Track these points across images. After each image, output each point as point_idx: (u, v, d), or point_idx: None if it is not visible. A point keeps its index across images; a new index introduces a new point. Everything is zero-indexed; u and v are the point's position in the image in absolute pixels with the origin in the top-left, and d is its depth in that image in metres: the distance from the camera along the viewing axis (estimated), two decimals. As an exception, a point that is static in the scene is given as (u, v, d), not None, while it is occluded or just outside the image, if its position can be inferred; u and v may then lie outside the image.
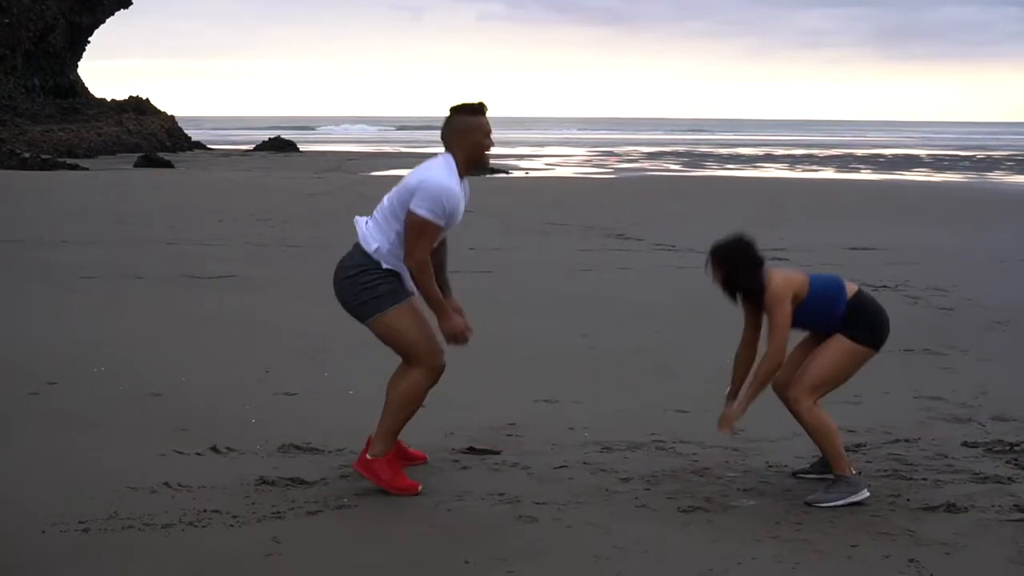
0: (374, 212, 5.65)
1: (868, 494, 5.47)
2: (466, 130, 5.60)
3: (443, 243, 5.80)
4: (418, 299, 5.61)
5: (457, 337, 5.61)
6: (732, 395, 5.76)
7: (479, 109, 5.66)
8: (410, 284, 5.60)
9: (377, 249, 5.50)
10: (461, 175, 5.56)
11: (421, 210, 5.38)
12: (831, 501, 5.42)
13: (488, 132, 5.65)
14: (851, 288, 5.69)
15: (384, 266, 5.50)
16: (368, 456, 5.60)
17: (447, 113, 5.69)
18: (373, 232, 5.55)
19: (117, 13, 58.67)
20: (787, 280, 5.57)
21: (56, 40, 54.10)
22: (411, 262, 5.42)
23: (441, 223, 5.44)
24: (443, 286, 5.76)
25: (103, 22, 58.36)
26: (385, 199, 5.63)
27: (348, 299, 5.58)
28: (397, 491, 5.50)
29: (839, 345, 5.59)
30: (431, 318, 5.59)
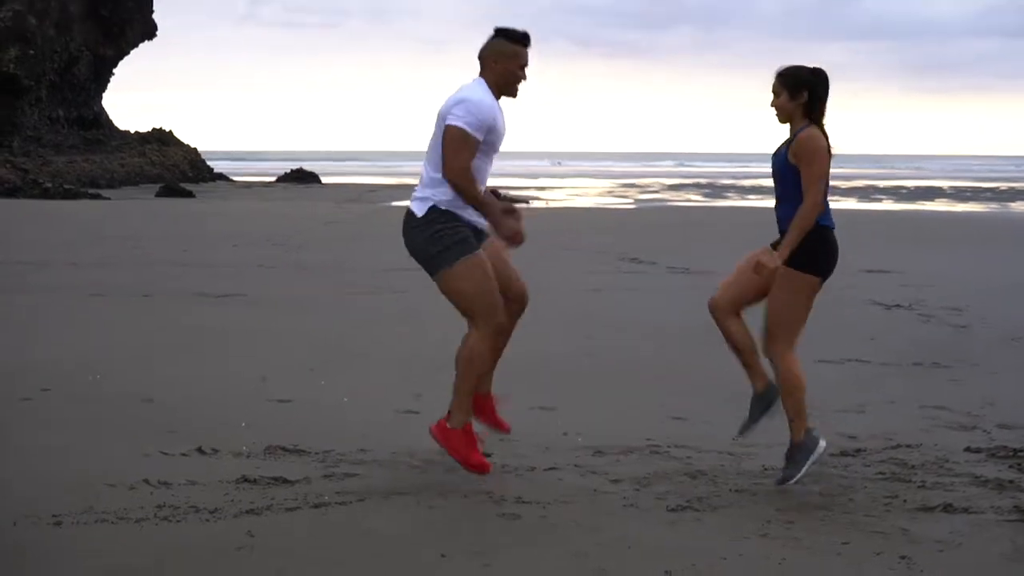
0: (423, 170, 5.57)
1: (824, 443, 5.50)
2: (503, 54, 5.53)
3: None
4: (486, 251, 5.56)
5: (514, 237, 5.47)
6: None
7: (522, 39, 5.56)
8: (471, 216, 5.49)
9: (432, 203, 5.45)
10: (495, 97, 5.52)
11: (458, 121, 5.33)
12: (796, 473, 5.44)
13: (524, 63, 5.56)
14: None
15: (442, 208, 5.41)
16: (448, 425, 5.52)
17: (491, 32, 5.61)
18: (425, 189, 5.48)
19: (142, 45, 59.15)
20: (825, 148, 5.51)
21: (80, 72, 54.54)
22: (449, 173, 5.33)
23: (480, 136, 5.36)
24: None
25: (127, 54, 58.82)
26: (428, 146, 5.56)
27: (417, 250, 5.53)
28: (469, 468, 5.44)
29: (782, 283, 5.48)
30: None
